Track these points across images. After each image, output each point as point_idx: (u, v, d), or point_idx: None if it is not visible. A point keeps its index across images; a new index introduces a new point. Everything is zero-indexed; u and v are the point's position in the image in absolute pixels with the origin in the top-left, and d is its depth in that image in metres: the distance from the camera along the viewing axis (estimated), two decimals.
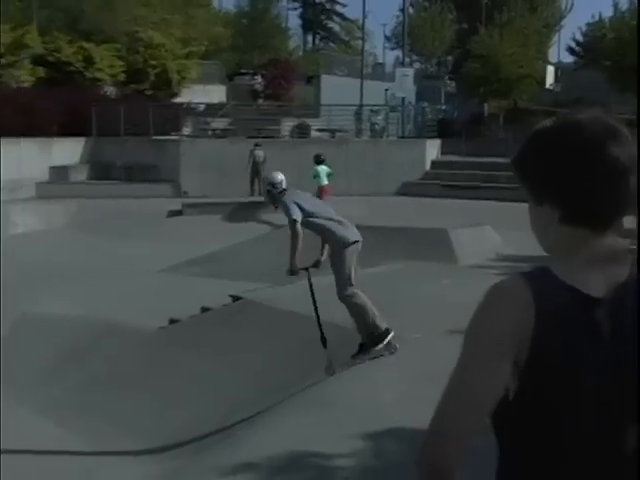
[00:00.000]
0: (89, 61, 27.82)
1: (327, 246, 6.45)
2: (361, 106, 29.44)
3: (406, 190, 22.85)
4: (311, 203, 6.49)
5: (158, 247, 15.93)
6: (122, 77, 29.03)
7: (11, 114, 22.41)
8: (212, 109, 28.81)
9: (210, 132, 26.99)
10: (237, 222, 18.34)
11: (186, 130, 26.81)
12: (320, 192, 17.17)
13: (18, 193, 21.32)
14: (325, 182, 17.43)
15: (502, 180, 19.71)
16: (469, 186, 21.83)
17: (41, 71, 26.90)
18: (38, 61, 26.99)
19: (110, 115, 23.85)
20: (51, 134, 23.43)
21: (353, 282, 6.15)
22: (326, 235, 6.33)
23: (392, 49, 56.85)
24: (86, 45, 28.00)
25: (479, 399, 1.46)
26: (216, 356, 8.04)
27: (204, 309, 9.55)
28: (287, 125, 27.46)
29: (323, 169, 17.60)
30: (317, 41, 62.13)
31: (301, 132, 27.04)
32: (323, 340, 6.26)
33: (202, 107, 29.31)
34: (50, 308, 10.62)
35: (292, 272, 6.41)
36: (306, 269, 6.47)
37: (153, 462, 6.43)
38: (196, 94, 29.90)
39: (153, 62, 29.36)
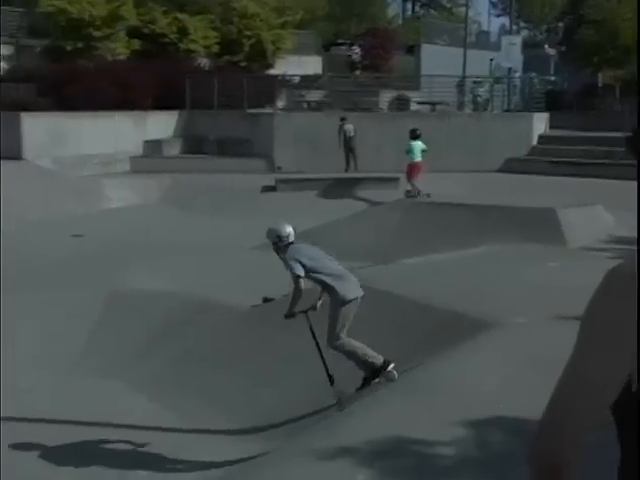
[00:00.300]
0: (183, 32, 28.38)
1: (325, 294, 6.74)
2: (464, 77, 28.92)
3: (511, 166, 22.37)
4: (312, 259, 6.64)
5: (251, 223, 16.15)
6: (216, 48, 29.48)
7: (107, 87, 23.19)
8: (307, 81, 28.93)
9: (305, 105, 27.12)
10: (333, 199, 18.41)
11: (280, 103, 27.03)
12: (412, 169, 17.02)
13: (113, 167, 22.12)
14: (418, 158, 17.26)
15: (617, 156, 19.00)
16: (580, 163, 21.15)
17: (136, 43, 27.63)
18: (133, 33, 27.71)
19: (203, 88, 24.31)
20: (145, 107, 24.08)
21: (344, 334, 6.51)
22: (326, 290, 6.62)
23: (498, 16, 55.52)
24: (180, 16, 28.55)
25: (597, 389, 1.42)
26: (308, 335, 8.13)
27: None
28: (385, 97, 27.27)
29: (418, 145, 17.41)
30: (417, 8, 61.25)
31: (400, 105, 26.82)
32: (330, 378, 6.51)
33: (297, 79, 29.46)
34: (143, 284, 10.97)
35: (290, 316, 6.74)
36: (305, 312, 6.71)
37: (247, 442, 6.59)
38: (291, 65, 30.08)
39: (247, 32, 29.66)
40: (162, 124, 24.39)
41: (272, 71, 30.19)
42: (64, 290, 10.69)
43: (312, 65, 33.07)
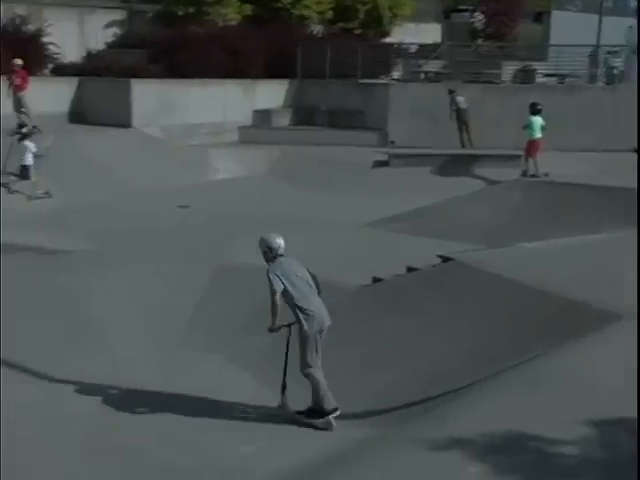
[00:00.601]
0: None
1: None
2: (597, 47, 27.83)
3: None
4: (293, 280, 7.15)
5: (360, 200, 16.25)
6: (330, 15, 29.46)
7: (217, 54, 23.62)
8: (425, 50, 28.54)
9: (422, 76, 26.78)
10: (448, 176, 18.22)
11: (396, 73, 26.79)
12: (531, 146, 16.57)
13: (221, 137, 22.55)
14: (538, 135, 16.78)
15: None
16: None
17: (248, 9, 27.93)
18: None
19: (316, 56, 24.36)
20: (255, 76, 24.39)
21: (315, 364, 7.11)
22: (295, 316, 7.14)
23: None
24: None
25: None
26: (420, 320, 8.12)
27: (410, 269, 9.62)
28: (509, 69, 26.58)
29: (538, 120, 16.92)
30: None
31: (524, 77, 26.10)
32: (284, 386, 7.21)
33: (414, 48, 29.11)
34: (249, 258, 11.17)
35: (273, 330, 7.20)
36: (288, 326, 7.19)
37: (354, 427, 6.65)
38: (408, 33, 29.74)
39: None
40: (272, 93, 24.64)
41: (388, 39, 29.96)
42: (170, 262, 11.04)
43: (431, 33, 32.62)
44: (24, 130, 16.33)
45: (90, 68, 23.00)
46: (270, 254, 7.34)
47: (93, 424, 6.95)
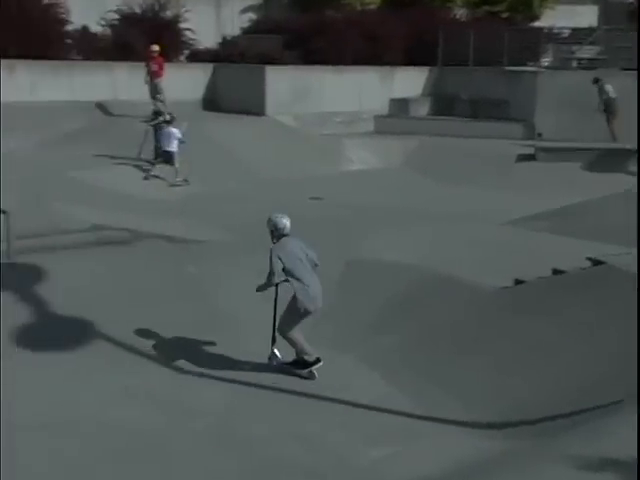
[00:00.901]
0: None
1: None
2: None
3: None
4: (294, 260, 7.96)
5: (502, 196, 16.00)
6: None
7: (354, 40, 23.77)
8: (579, 35, 27.64)
9: (575, 63, 26.00)
10: (600, 172, 17.68)
11: (545, 60, 26.14)
12: None
13: (356, 127, 22.72)
14: None
15: None
16: None
17: None
18: None
19: (458, 41, 24.13)
20: (394, 62, 24.40)
21: (295, 330, 8.07)
22: (293, 289, 7.97)
23: None
24: None
25: None
26: (566, 326, 7.93)
27: (556, 271, 9.39)
28: None
29: None
30: None
31: None
32: (273, 339, 8.20)
33: (567, 32, 28.29)
34: (381, 254, 11.23)
35: (259, 289, 8.12)
36: (276, 285, 8.06)
37: (487, 437, 6.57)
38: (561, 17, 28.91)
39: None
40: (410, 81, 24.58)
41: (537, 23, 29.25)
42: None
43: (586, 16, 31.51)
44: (167, 117, 16.92)
45: (225, 54, 23.69)
46: (276, 232, 8.11)
47: (222, 415, 7.19)
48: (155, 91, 19.34)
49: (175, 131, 16.56)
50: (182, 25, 23.77)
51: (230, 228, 12.88)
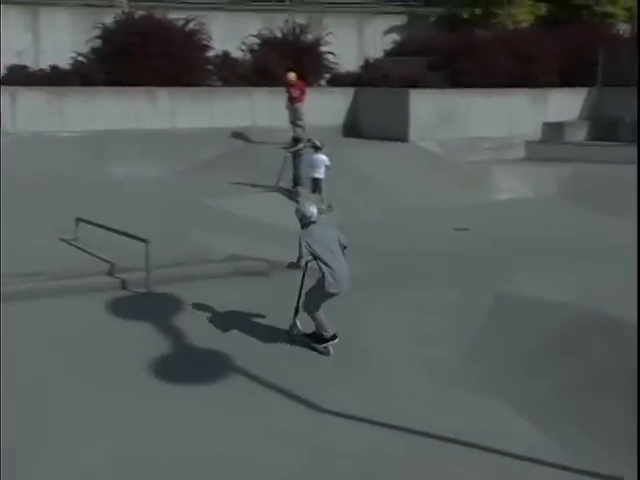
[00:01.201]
0: None
1: None
2: None
3: None
4: (319, 244, 8.99)
5: None
6: None
7: (504, 61, 23.54)
8: None
9: None
10: None
11: None
12: None
13: (505, 153, 22.43)
14: None
15: None
16: None
17: (542, 8, 27.59)
18: None
19: (621, 60, 23.46)
20: (547, 84, 23.99)
21: (319, 309, 9.23)
22: (320, 272, 9.03)
23: None
24: None
25: None
26: None
27: None
28: None
29: None
30: None
31: None
32: (296, 310, 9.40)
33: None
34: (533, 290, 10.98)
35: (289, 267, 9.42)
36: (305, 264, 9.19)
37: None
38: None
39: None
40: (566, 103, 24.08)
41: None
42: (446, 289, 11.15)
43: None
44: (318, 143, 17.15)
45: (367, 77, 23.96)
46: (305, 220, 9.20)
47: (359, 459, 7.18)
48: (295, 116, 19.75)
49: (324, 158, 16.84)
50: (323, 48, 24.20)
51: (372, 260, 12.91)
